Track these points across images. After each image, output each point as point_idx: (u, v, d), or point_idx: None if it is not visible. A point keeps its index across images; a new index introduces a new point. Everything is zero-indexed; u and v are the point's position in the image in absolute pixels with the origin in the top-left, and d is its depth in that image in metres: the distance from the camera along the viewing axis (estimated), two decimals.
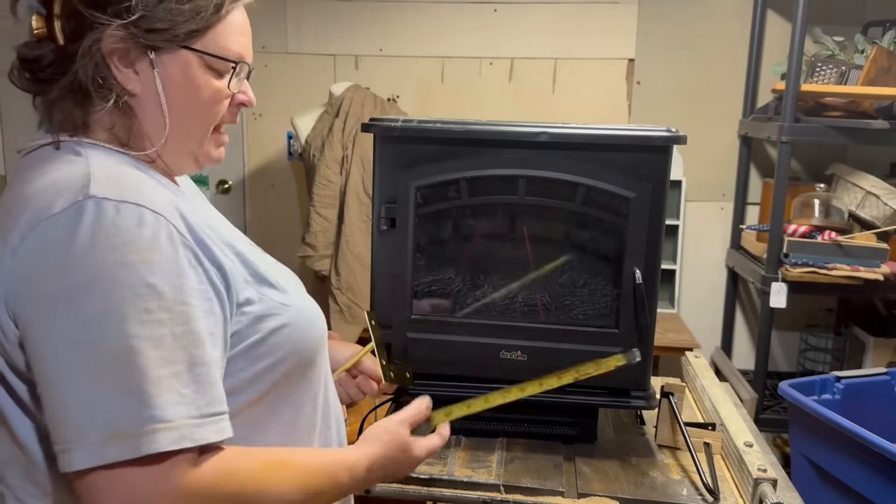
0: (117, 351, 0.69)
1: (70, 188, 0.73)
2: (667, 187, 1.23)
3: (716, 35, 2.82)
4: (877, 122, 2.35)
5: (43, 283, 0.70)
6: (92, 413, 0.68)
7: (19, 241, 0.72)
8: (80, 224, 0.70)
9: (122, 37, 0.77)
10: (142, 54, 0.79)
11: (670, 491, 1.16)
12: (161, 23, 0.78)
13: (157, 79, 0.80)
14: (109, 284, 0.69)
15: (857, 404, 1.94)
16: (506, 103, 2.94)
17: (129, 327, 0.69)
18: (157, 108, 0.81)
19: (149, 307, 0.70)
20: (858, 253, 2.32)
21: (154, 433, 0.68)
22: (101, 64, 0.78)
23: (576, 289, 1.28)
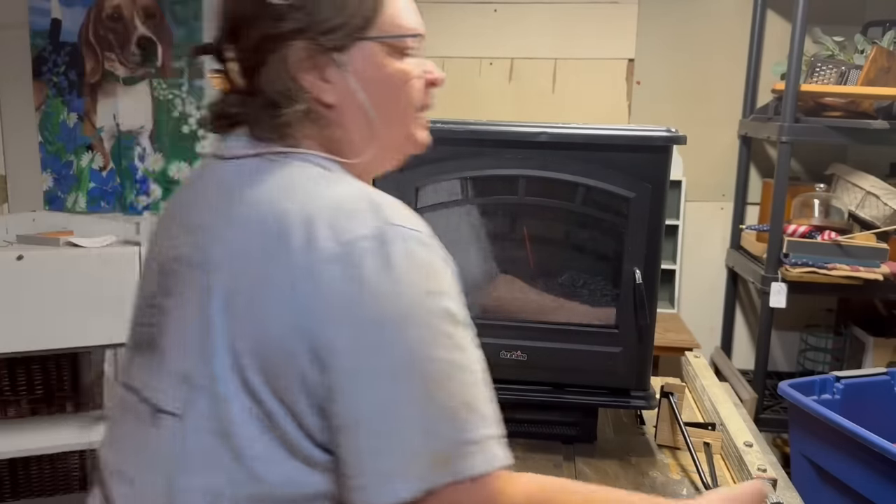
0: (437, 377, 0.68)
1: (361, 211, 0.71)
2: (667, 187, 1.23)
3: (716, 35, 2.82)
4: (877, 122, 2.35)
5: (361, 310, 0.68)
6: (418, 439, 0.67)
7: (321, 269, 0.68)
8: (392, 253, 0.69)
9: (304, 46, 0.76)
10: (327, 60, 0.77)
11: (670, 491, 1.16)
12: (335, 19, 0.76)
13: (351, 80, 0.78)
14: (423, 312, 0.69)
15: (856, 404, 1.94)
16: (506, 103, 2.94)
17: (443, 353, 0.69)
18: (360, 111, 0.79)
19: (451, 332, 0.71)
20: (858, 253, 2.32)
21: (471, 455, 0.68)
22: (290, 80, 0.76)
23: (576, 289, 1.28)
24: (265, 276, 0.69)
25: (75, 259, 2.16)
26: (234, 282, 0.71)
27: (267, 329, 0.69)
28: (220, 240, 0.74)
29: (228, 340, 0.70)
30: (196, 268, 0.74)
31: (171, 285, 0.77)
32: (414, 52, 0.83)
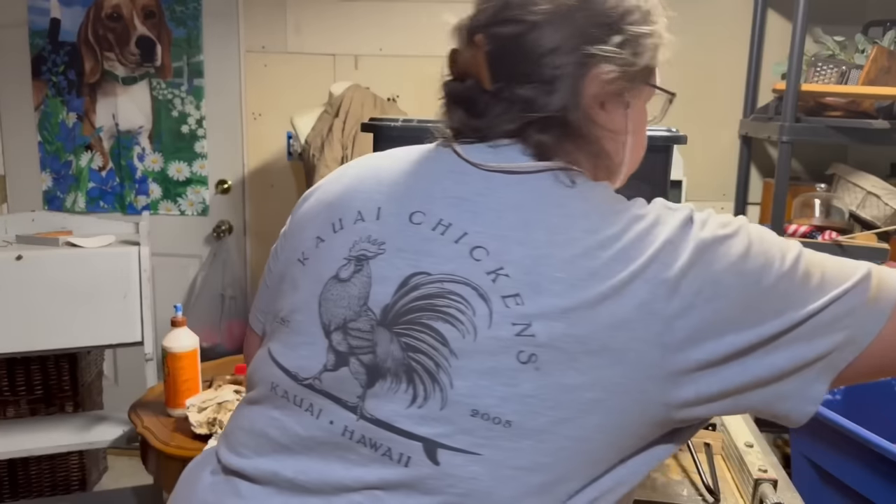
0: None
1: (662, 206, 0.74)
2: (667, 187, 1.23)
3: (716, 35, 2.82)
4: (877, 122, 2.34)
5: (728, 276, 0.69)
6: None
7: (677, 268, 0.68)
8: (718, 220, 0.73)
9: (614, 77, 0.75)
10: (621, 99, 0.78)
11: (670, 491, 1.15)
12: (639, 58, 0.77)
13: (630, 120, 0.80)
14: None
15: (857, 405, 1.94)
16: None
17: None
18: (624, 149, 0.81)
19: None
20: (859, 253, 2.31)
21: None
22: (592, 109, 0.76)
23: None
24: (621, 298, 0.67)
25: (74, 259, 2.16)
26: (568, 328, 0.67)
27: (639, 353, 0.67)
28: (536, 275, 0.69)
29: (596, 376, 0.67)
30: (496, 301, 0.69)
31: (452, 312, 0.70)
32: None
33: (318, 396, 0.75)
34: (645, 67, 0.78)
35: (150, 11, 2.92)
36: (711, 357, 0.68)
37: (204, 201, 3.05)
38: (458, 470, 0.68)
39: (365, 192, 0.81)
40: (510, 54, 0.75)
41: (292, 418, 0.76)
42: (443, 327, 0.70)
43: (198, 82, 2.97)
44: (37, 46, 2.92)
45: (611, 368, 0.67)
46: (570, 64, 0.74)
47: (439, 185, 0.77)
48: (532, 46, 0.74)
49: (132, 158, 3.01)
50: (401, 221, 0.76)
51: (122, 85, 2.97)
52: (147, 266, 2.21)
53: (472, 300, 0.70)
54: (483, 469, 0.68)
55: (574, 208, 0.73)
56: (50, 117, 2.98)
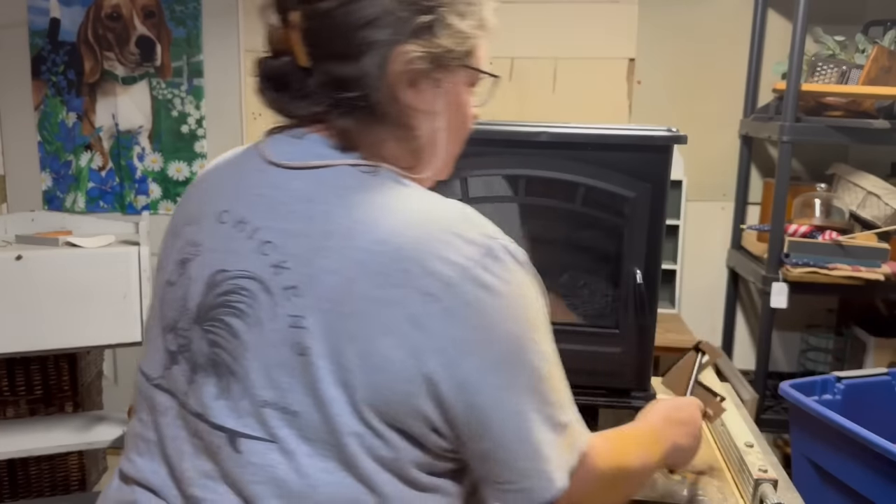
0: (556, 373, 0.76)
1: (465, 230, 0.71)
2: (667, 187, 1.22)
3: (716, 35, 2.82)
4: (878, 121, 2.34)
5: (494, 331, 0.70)
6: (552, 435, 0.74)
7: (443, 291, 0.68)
8: (504, 266, 0.71)
9: (418, 57, 0.75)
10: (430, 80, 0.77)
11: (671, 491, 1.15)
12: (451, 40, 0.77)
13: (441, 102, 0.79)
14: (543, 320, 0.75)
15: (857, 405, 1.94)
16: (506, 103, 2.94)
17: (554, 357, 0.77)
18: (436, 131, 0.80)
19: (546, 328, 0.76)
20: (859, 253, 2.31)
21: (579, 432, 0.78)
22: (395, 90, 0.75)
23: (576, 289, 1.28)
24: (376, 300, 0.68)
25: (74, 259, 2.16)
26: (338, 306, 0.68)
27: (384, 357, 0.68)
28: (315, 263, 0.70)
29: (334, 369, 0.68)
30: (278, 294, 0.71)
31: (241, 307, 0.73)
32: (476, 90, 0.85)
33: (163, 395, 0.79)
34: (460, 50, 0.78)
35: (149, 11, 2.91)
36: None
37: None
38: (258, 458, 0.71)
39: (195, 197, 0.85)
40: (323, 31, 0.74)
41: (150, 418, 0.81)
42: (235, 322, 0.73)
43: (198, 82, 2.97)
44: (36, 46, 2.92)
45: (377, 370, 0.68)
46: (379, 41, 0.73)
47: (244, 183, 0.79)
48: (345, 21, 0.73)
49: (132, 158, 3.00)
50: (212, 222, 0.78)
51: (122, 85, 2.97)
52: (147, 266, 2.21)
53: (258, 294, 0.72)
54: (281, 457, 0.70)
55: (357, 202, 0.72)
56: (50, 117, 2.98)
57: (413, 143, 0.79)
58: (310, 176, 0.75)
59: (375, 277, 0.68)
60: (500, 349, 0.70)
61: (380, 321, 0.67)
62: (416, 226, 0.70)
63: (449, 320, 0.68)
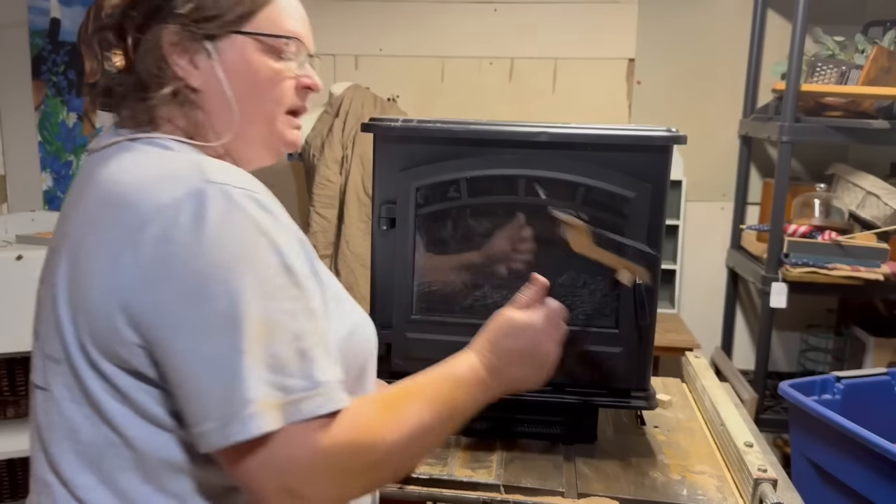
0: (266, 327, 0.70)
1: (186, 176, 0.73)
2: (667, 187, 1.23)
3: (716, 35, 2.82)
4: (877, 121, 2.35)
5: (181, 265, 0.70)
6: (249, 384, 0.69)
7: (141, 229, 0.71)
8: (208, 208, 0.71)
9: (177, 31, 0.80)
10: (199, 46, 0.81)
11: (670, 491, 1.15)
12: (211, 10, 0.81)
13: (217, 68, 0.82)
14: (249, 262, 0.71)
15: (857, 404, 1.94)
16: (506, 103, 2.94)
17: (273, 303, 0.71)
18: (223, 98, 0.82)
19: (283, 283, 0.73)
20: (859, 253, 2.32)
21: (300, 402, 0.71)
22: (161, 61, 0.81)
23: (576, 289, 1.28)
24: (95, 246, 0.74)
25: None
26: (72, 257, 0.77)
27: (91, 299, 0.73)
28: (68, 224, 0.80)
29: (70, 313, 0.75)
30: (54, 252, 0.81)
31: (45, 272, 0.83)
32: (292, 56, 0.86)
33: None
34: (227, 18, 0.81)
35: None
36: None
37: None
38: (42, 406, 0.80)
39: None
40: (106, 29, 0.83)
41: None
42: (41, 287, 0.83)
43: None
44: (37, 46, 2.92)
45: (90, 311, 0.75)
46: (140, 15, 0.81)
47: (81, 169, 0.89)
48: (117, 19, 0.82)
49: None
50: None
51: None
52: None
53: (49, 258, 0.83)
54: (53, 404, 0.78)
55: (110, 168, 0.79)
56: (50, 117, 2.98)
57: (195, 113, 0.83)
58: (98, 155, 0.82)
59: (97, 226, 0.75)
60: (183, 286, 0.70)
61: (92, 265, 0.74)
62: (140, 175, 0.76)
63: (138, 256, 0.71)
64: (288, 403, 0.70)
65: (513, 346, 0.91)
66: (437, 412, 0.82)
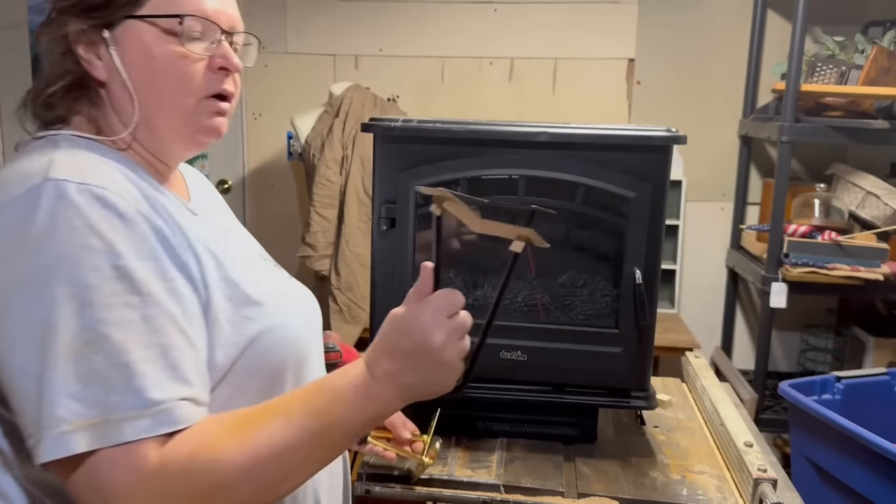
0: (86, 336, 0.66)
1: (31, 174, 0.71)
2: (667, 187, 1.23)
3: (716, 35, 2.82)
4: (877, 122, 2.35)
5: (2, 267, 0.68)
6: (59, 401, 0.65)
7: None
8: (39, 206, 0.68)
9: (73, 21, 0.79)
10: (98, 37, 0.79)
11: (670, 491, 1.16)
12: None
13: (115, 57, 0.78)
14: (73, 267, 0.67)
15: (857, 404, 1.94)
16: (506, 103, 2.94)
17: (96, 312, 0.67)
18: (123, 88, 0.79)
19: (116, 290, 0.68)
20: (858, 253, 2.32)
21: (123, 421, 0.66)
22: (66, 54, 0.80)
23: (576, 289, 1.28)
24: None
25: None
26: None
27: None
28: None
29: None
30: None
31: None
32: (197, 35, 0.80)
33: None
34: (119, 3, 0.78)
35: None
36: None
37: None
38: None
39: None
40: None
41: None
42: None
43: None
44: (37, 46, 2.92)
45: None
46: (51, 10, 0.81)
47: None
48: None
49: None
50: None
51: None
52: None
53: None
54: None
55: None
56: None
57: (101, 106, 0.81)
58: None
59: None
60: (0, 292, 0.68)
61: None
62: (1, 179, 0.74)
63: None
64: (105, 423, 0.65)
65: (402, 346, 0.76)
66: (302, 428, 0.72)
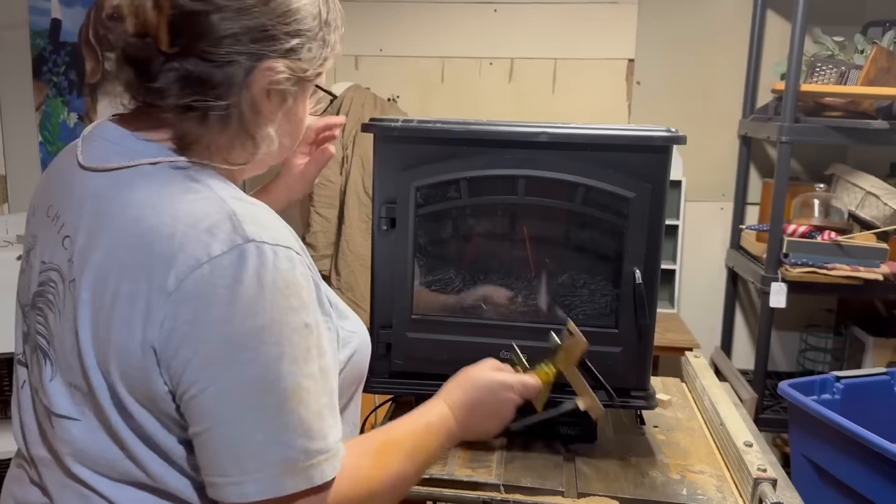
0: (291, 390, 0.72)
1: (221, 228, 0.72)
2: (667, 187, 1.23)
3: (716, 35, 2.83)
4: (876, 122, 2.35)
5: (214, 327, 0.71)
6: (269, 449, 0.72)
7: (176, 285, 0.70)
8: (246, 268, 0.71)
9: (283, 74, 0.80)
10: (284, 90, 0.82)
11: (670, 491, 1.16)
12: (311, 63, 0.83)
13: (286, 112, 0.85)
14: (280, 328, 0.72)
15: (856, 404, 1.95)
16: (506, 103, 2.94)
17: (299, 368, 0.73)
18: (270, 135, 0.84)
19: (308, 346, 0.75)
20: (858, 253, 2.32)
21: (321, 464, 0.74)
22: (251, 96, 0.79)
23: (576, 289, 1.28)
24: (124, 293, 0.72)
25: None
26: (97, 298, 0.74)
27: (124, 347, 0.72)
28: (88, 257, 0.76)
29: (96, 356, 0.74)
30: (69, 283, 0.77)
31: (50, 297, 0.80)
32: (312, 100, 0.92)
33: (22, 369, 0.87)
34: (315, 72, 0.85)
35: None
36: None
37: None
38: (66, 434, 0.78)
39: (39, 188, 0.91)
40: (192, 27, 0.76)
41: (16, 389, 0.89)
42: (46, 311, 0.81)
43: None
44: (38, 47, 2.93)
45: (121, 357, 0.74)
46: (245, 53, 0.77)
47: (61, 179, 0.85)
48: (213, 27, 0.76)
49: None
50: (42, 215, 0.85)
51: None
52: None
53: (59, 285, 0.79)
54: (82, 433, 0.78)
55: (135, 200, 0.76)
56: (51, 117, 2.98)
57: (250, 147, 0.83)
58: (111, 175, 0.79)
59: (124, 272, 0.73)
60: (214, 348, 0.71)
61: (122, 314, 0.72)
62: (173, 224, 0.73)
63: (175, 313, 0.71)
64: (309, 467, 0.73)
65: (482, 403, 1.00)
66: (415, 462, 0.88)
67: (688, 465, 1.25)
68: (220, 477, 0.73)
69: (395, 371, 1.28)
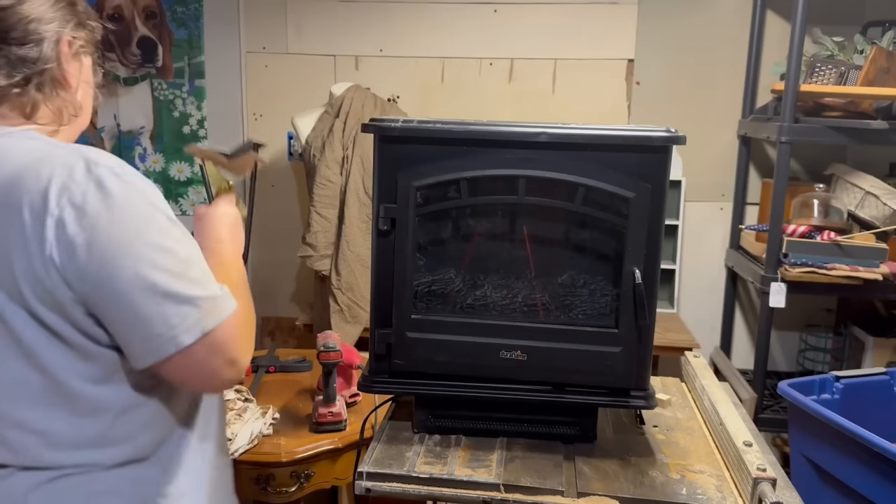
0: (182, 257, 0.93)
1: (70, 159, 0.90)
2: (666, 187, 1.23)
3: (715, 35, 2.83)
4: (876, 122, 2.35)
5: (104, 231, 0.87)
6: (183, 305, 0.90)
7: (58, 210, 0.87)
8: (107, 183, 0.89)
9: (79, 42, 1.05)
10: (79, 56, 1.06)
11: (669, 490, 1.16)
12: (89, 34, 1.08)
13: (84, 71, 1.07)
14: (150, 220, 0.92)
15: (856, 404, 1.95)
16: (506, 103, 2.95)
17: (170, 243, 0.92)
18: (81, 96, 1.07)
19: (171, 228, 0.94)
20: (858, 253, 2.32)
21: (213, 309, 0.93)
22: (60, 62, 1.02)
23: (576, 289, 1.29)
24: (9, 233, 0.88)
25: None
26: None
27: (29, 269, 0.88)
28: None
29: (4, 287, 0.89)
30: None
31: None
32: None
33: None
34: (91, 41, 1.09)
35: (151, 12, 2.92)
36: None
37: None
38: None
39: None
40: (4, 21, 0.98)
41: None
42: None
43: (199, 83, 2.98)
44: None
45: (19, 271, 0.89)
46: (50, 30, 1.00)
47: None
48: (22, 16, 0.99)
49: (134, 159, 3.01)
50: None
51: (124, 85, 2.98)
52: None
53: None
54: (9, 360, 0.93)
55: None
56: None
57: (70, 107, 1.04)
58: None
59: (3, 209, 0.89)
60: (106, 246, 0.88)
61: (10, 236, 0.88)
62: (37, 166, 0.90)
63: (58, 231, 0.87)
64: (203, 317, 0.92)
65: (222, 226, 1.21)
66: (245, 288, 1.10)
67: (687, 464, 1.25)
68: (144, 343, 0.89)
69: (395, 371, 1.28)
